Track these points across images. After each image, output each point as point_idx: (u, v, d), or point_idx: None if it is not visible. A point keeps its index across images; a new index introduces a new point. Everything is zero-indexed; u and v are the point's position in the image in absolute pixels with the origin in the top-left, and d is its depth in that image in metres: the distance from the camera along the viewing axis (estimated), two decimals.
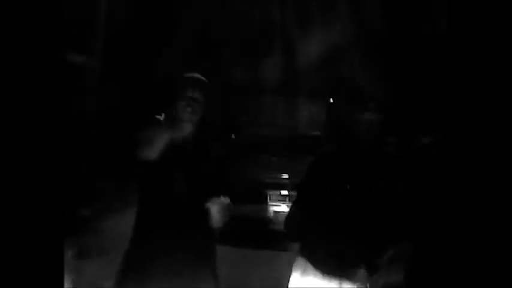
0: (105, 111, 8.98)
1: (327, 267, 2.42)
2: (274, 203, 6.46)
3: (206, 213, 2.31)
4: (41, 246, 1.40)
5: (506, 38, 1.50)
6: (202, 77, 2.49)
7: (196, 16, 13.23)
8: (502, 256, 1.45)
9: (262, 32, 13.85)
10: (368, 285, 2.42)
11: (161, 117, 2.43)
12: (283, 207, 6.21)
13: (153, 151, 2.28)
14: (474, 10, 1.55)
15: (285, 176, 6.70)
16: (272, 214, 6.39)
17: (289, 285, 2.52)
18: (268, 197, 6.50)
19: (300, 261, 2.49)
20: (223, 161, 2.57)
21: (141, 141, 2.30)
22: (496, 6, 1.52)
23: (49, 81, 1.42)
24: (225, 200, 2.35)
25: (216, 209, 2.31)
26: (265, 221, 6.30)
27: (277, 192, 6.49)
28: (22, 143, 1.40)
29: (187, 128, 2.42)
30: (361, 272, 2.41)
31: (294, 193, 2.66)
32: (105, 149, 9.12)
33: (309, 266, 2.45)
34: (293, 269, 2.51)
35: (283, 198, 6.43)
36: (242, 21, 13.48)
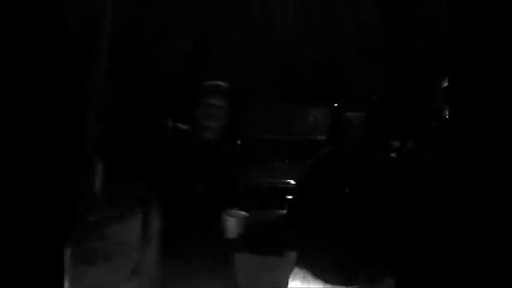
0: (109, 112, 8.98)
1: (327, 276, 2.42)
2: (282, 209, 6.44)
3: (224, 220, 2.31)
4: (41, 247, 1.40)
5: (506, 39, 1.50)
6: (224, 83, 2.47)
7: (196, 16, 13.24)
8: (496, 257, 1.45)
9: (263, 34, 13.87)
10: None
11: (184, 126, 2.43)
12: None
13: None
14: (474, 10, 1.55)
15: (292, 181, 6.68)
16: (281, 220, 6.38)
17: None
18: (275, 203, 6.50)
19: (299, 272, 2.49)
20: (238, 165, 2.55)
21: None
22: (495, 6, 1.52)
23: (49, 81, 1.42)
24: (241, 213, 2.33)
25: (232, 222, 2.30)
26: (275, 227, 6.28)
27: (285, 198, 6.46)
28: (22, 143, 1.40)
29: (211, 135, 2.40)
30: (362, 280, 2.41)
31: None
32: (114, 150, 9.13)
33: (308, 276, 2.45)
34: (292, 279, 2.51)
35: None
36: (243, 21, 13.49)
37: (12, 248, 1.39)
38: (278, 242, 5.95)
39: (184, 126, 2.44)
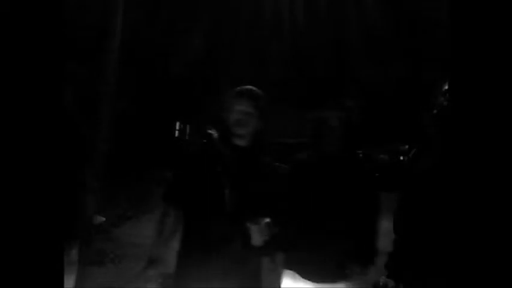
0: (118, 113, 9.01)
1: (315, 275, 2.43)
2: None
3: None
4: (41, 247, 1.41)
5: (507, 40, 1.49)
6: (255, 89, 2.44)
7: (206, 17, 13.28)
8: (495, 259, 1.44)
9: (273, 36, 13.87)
10: None
11: (214, 133, 2.42)
12: None
13: None
14: (474, 9, 1.54)
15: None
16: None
17: None
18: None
19: (288, 273, 2.50)
20: (278, 178, 2.50)
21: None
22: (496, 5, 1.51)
23: (49, 81, 1.43)
24: (265, 219, 2.28)
25: (257, 229, 2.27)
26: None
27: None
28: (23, 143, 1.41)
29: (241, 141, 2.39)
30: (348, 274, 2.44)
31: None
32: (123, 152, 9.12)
33: (298, 276, 2.46)
34: (282, 281, 2.51)
35: None
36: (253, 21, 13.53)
37: (13, 249, 1.40)
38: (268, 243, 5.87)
39: (213, 132, 2.44)
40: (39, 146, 1.43)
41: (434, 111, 2.24)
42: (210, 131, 2.44)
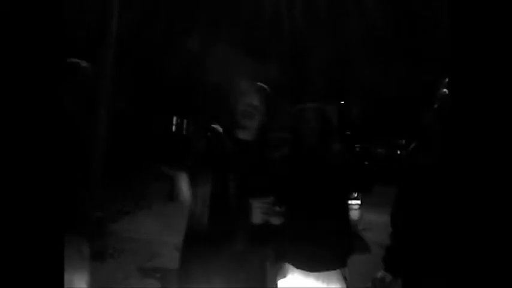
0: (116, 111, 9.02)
1: (309, 267, 2.45)
2: None
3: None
4: (41, 246, 1.41)
5: (507, 40, 1.49)
6: (262, 84, 2.51)
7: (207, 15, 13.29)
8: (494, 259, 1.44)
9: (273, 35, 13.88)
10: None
11: (219, 127, 2.45)
12: None
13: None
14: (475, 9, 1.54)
15: None
16: None
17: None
18: None
19: (283, 266, 2.51)
20: (281, 172, 2.54)
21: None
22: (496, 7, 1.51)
23: (46, 81, 1.43)
24: (266, 199, 2.33)
25: (257, 205, 2.31)
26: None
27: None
28: (23, 141, 1.42)
29: (246, 135, 2.44)
30: (340, 269, 2.46)
31: None
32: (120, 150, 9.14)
33: (293, 268, 2.48)
34: (277, 274, 2.52)
35: None
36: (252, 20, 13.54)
37: (13, 248, 1.40)
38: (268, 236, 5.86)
39: (218, 126, 2.47)
40: (40, 145, 1.43)
41: (435, 106, 2.25)
42: (214, 125, 2.48)
